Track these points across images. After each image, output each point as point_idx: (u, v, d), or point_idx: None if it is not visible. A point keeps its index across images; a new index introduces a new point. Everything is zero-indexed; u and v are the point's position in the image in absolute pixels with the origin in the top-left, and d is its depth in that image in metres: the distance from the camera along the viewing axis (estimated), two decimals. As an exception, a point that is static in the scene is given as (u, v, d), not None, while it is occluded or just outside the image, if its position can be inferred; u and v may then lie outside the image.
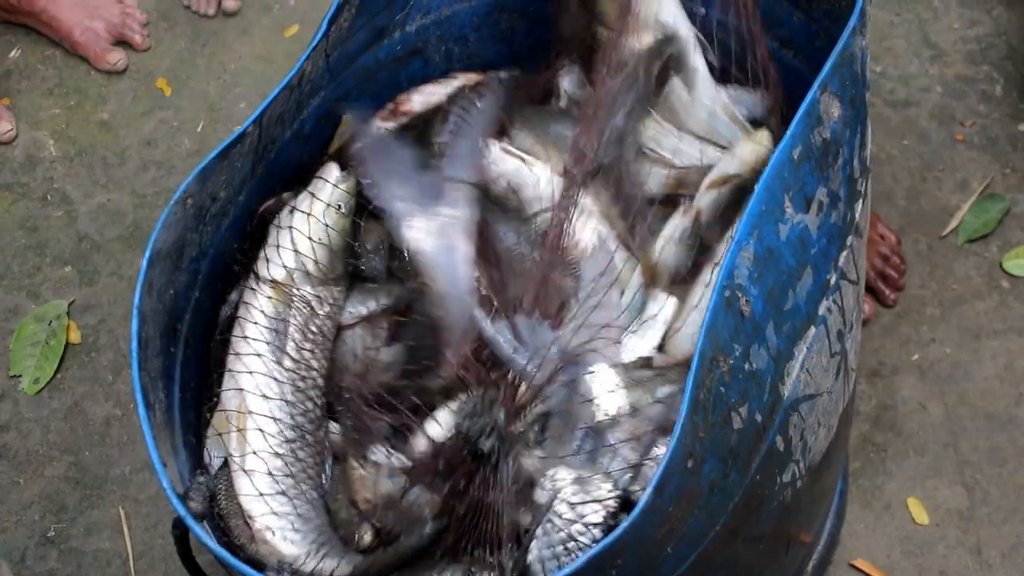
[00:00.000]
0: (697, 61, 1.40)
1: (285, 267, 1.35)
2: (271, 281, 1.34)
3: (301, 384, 1.33)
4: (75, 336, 2.02)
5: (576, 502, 1.10)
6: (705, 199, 1.34)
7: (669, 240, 1.34)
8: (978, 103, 2.16)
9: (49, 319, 2.03)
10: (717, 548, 1.12)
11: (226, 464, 1.28)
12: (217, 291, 1.47)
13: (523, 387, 1.18)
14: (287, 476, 1.27)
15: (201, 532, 1.10)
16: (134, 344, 1.18)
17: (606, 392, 1.19)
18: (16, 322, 2.04)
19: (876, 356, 1.92)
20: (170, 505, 1.81)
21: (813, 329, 1.17)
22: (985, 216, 2.03)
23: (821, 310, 1.18)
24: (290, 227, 1.37)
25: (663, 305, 1.29)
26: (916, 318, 1.96)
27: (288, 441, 1.29)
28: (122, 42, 2.35)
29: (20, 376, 1.98)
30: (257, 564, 1.21)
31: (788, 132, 1.12)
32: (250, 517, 1.23)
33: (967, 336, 1.94)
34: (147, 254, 1.22)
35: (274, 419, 1.28)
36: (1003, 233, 2.02)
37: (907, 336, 1.94)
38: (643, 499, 0.97)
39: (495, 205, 1.41)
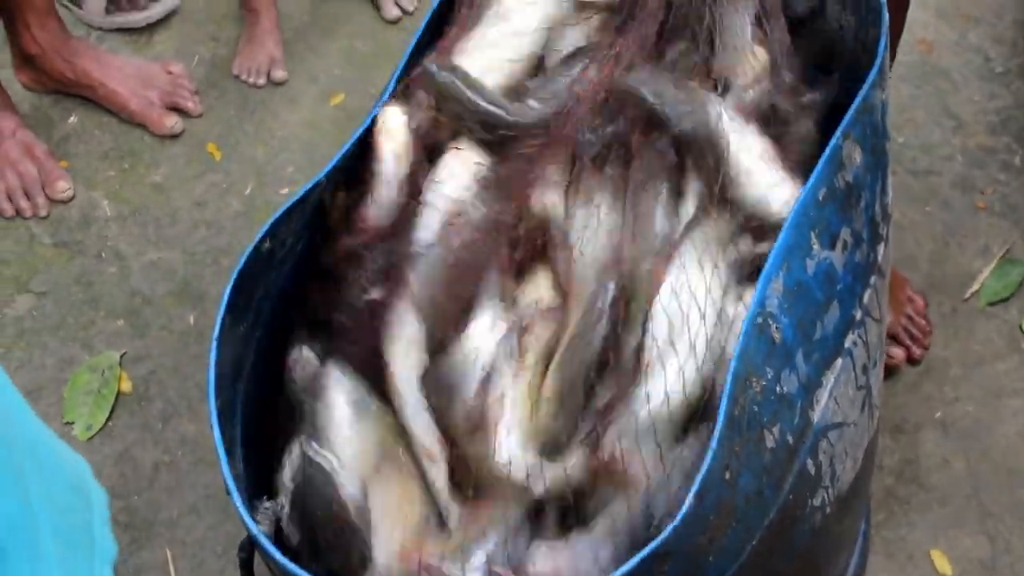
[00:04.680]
0: None
1: None
2: None
3: None
4: (126, 386, 2.10)
5: None
6: None
7: None
8: (998, 172, 2.24)
9: (102, 369, 2.11)
10: (754, 564, 1.17)
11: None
12: (274, 333, 1.54)
13: None
14: None
15: (273, 548, 1.15)
16: (211, 374, 1.25)
17: None
18: (71, 372, 2.12)
19: (900, 413, 1.97)
20: (216, 548, 1.90)
21: (840, 360, 1.24)
22: (1006, 280, 2.10)
23: (848, 343, 1.25)
24: None
25: None
26: (939, 377, 2.02)
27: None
28: (175, 108, 2.46)
29: (73, 423, 2.06)
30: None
31: (814, 174, 1.20)
32: None
33: (989, 395, 2.00)
34: (227, 292, 1.29)
35: None
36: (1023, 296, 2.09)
37: (930, 394, 2.00)
38: (685, 505, 1.04)
39: None
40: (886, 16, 1.33)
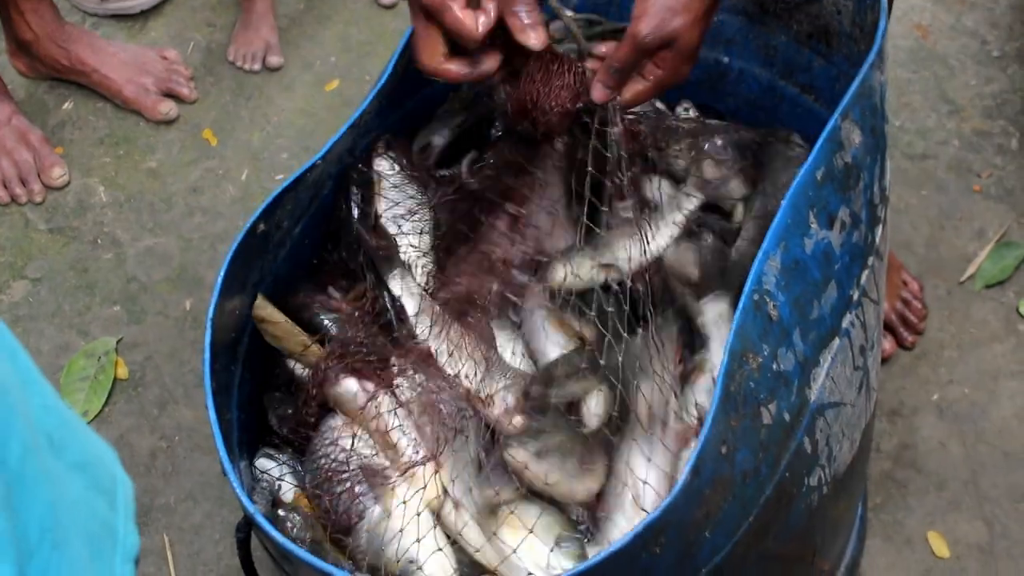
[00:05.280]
0: None
1: None
2: None
3: None
4: (122, 372, 2.10)
5: None
6: None
7: None
8: (994, 156, 2.24)
9: (98, 355, 2.11)
10: (750, 542, 1.17)
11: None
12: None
13: None
14: None
15: (269, 526, 1.15)
16: (207, 355, 1.25)
17: None
18: (67, 358, 2.11)
19: (897, 396, 1.97)
20: (213, 534, 1.90)
21: (837, 340, 1.24)
22: (1002, 263, 2.10)
23: (845, 323, 1.25)
24: None
25: None
26: (935, 360, 2.02)
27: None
28: (170, 95, 2.46)
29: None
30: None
31: (812, 154, 1.20)
32: None
33: (985, 377, 2.00)
34: (222, 272, 1.29)
35: None
36: (1019, 279, 2.09)
37: (927, 377, 2.00)
38: (681, 479, 1.04)
39: None
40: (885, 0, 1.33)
